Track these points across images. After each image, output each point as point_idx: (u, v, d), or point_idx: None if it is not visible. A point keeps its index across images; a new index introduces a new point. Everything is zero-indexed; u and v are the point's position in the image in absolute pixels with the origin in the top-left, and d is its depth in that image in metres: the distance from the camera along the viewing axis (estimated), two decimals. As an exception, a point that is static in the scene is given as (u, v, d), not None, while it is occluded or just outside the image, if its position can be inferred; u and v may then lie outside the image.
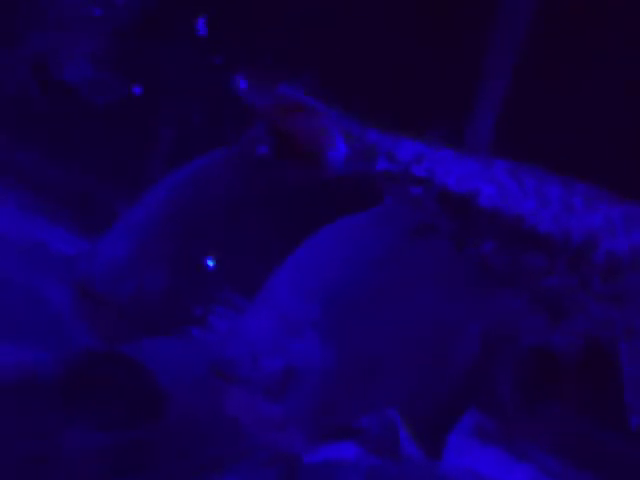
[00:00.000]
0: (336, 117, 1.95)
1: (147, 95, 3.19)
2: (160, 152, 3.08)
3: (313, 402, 1.80)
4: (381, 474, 2.70)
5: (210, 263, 2.39)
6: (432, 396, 2.05)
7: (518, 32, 2.72)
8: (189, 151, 2.63)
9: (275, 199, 2.55)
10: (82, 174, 3.29)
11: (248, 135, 2.61)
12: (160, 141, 3.12)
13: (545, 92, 2.72)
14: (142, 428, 2.43)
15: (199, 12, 3.13)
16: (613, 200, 1.96)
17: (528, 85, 2.73)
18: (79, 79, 3.08)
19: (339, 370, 1.82)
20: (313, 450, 2.45)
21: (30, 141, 3.39)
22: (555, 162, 2.44)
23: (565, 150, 2.66)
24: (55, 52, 3.07)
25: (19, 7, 3.03)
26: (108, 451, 2.35)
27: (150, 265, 2.35)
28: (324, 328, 1.81)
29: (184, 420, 2.45)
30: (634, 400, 2.19)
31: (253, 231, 2.47)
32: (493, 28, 2.73)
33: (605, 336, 2.12)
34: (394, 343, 1.93)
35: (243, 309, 1.86)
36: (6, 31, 3.05)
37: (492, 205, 1.89)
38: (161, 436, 2.44)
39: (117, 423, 2.40)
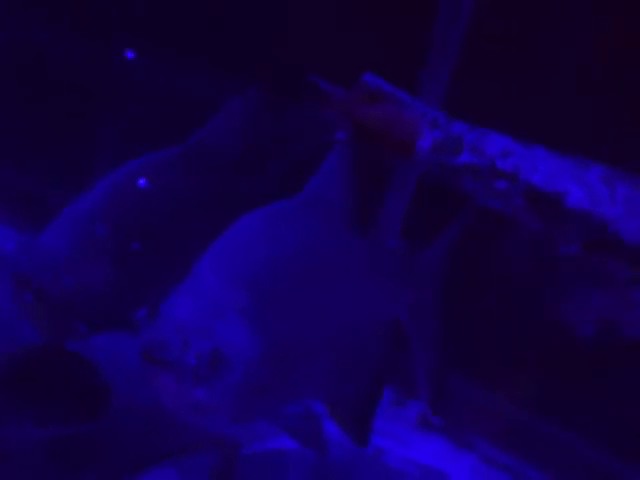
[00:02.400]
0: (422, 107, 1.96)
1: (88, 93, 3.19)
2: (103, 149, 3.08)
3: (240, 384, 1.82)
4: (325, 466, 2.72)
5: (149, 257, 2.41)
6: (355, 383, 2.09)
7: (462, 13, 2.73)
8: (134, 149, 2.64)
9: (219, 197, 2.57)
10: (22, 172, 3.29)
11: (195, 134, 2.64)
12: (103, 138, 3.13)
13: (488, 76, 2.73)
14: (85, 422, 2.44)
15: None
16: None
17: (472, 68, 2.75)
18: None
19: (264, 354, 1.84)
20: (250, 440, 2.48)
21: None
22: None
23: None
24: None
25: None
26: (51, 445, 2.36)
27: (90, 259, 2.36)
28: (250, 312, 1.83)
29: (127, 413, 2.46)
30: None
31: (195, 228, 2.48)
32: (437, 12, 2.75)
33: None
34: (317, 329, 1.96)
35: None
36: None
37: (580, 207, 1.87)
38: (104, 429, 2.45)
39: (60, 417, 2.41)
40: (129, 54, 2.96)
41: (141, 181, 2.40)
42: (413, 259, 2.23)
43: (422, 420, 2.90)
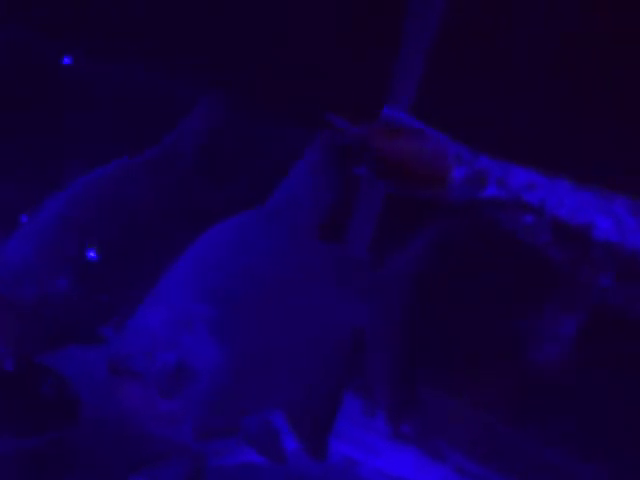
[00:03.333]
0: (447, 141, 1.96)
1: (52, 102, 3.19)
2: (70, 155, 3.07)
3: (205, 396, 1.82)
4: (297, 478, 2.72)
5: (116, 267, 2.40)
6: (316, 395, 2.10)
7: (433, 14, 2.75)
8: (102, 155, 2.64)
9: (187, 206, 2.57)
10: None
11: (161, 141, 2.63)
12: (70, 144, 3.12)
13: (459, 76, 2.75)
14: (54, 433, 2.43)
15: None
16: None
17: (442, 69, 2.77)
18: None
19: (229, 365, 1.85)
20: (220, 451, 2.47)
21: None
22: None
23: (482, 135, 2.70)
24: None
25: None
26: (19, 456, 2.35)
27: (53, 269, 2.35)
28: (216, 324, 1.84)
29: (96, 424, 2.45)
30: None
31: (158, 238, 2.48)
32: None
33: None
34: (282, 339, 1.97)
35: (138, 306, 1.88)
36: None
37: (607, 239, 1.87)
38: (73, 440, 2.44)
39: (29, 428, 2.40)
40: (66, 60, 2.96)
41: (91, 253, 2.38)
42: (379, 269, 2.23)
43: (395, 432, 2.90)
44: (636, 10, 2.53)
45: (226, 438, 2.04)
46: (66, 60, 3.01)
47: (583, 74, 2.63)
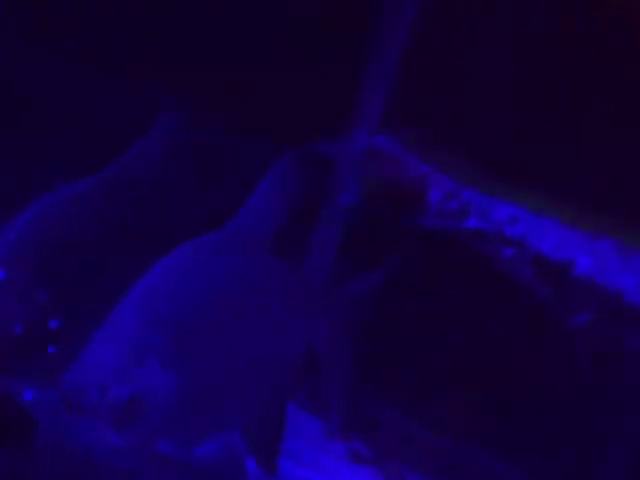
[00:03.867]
0: (429, 169, 1.96)
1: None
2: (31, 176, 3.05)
3: (157, 426, 1.84)
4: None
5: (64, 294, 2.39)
6: (268, 413, 2.12)
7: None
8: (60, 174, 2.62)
9: (145, 230, 2.56)
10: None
11: (117, 161, 2.62)
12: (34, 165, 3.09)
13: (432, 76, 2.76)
14: (10, 456, 2.41)
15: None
16: None
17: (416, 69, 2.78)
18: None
19: (183, 395, 1.86)
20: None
21: None
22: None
23: (452, 135, 2.71)
24: None
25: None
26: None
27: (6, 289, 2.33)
28: (167, 355, 1.86)
29: (52, 448, 2.43)
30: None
31: (113, 263, 2.46)
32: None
33: None
34: (235, 364, 1.99)
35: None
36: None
37: (588, 276, 1.86)
38: (29, 464, 2.42)
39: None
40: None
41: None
42: (333, 288, 2.27)
43: (351, 453, 2.90)
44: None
45: (183, 464, 2.05)
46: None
47: (550, 92, 2.65)
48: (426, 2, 2.69)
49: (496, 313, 2.57)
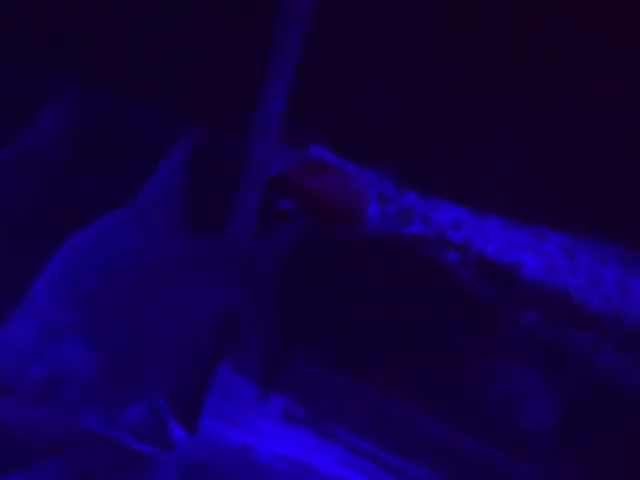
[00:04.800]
0: (370, 178, 1.95)
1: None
2: None
3: (78, 402, 1.85)
4: (193, 465, 2.74)
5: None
6: (189, 373, 2.17)
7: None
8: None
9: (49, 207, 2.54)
10: None
11: (15, 139, 2.58)
12: None
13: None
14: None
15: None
16: None
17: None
18: None
19: (101, 370, 1.90)
20: (110, 444, 2.49)
21: None
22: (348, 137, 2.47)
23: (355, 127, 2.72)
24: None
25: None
26: None
27: None
28: (83, 331, 1.87)
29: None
30: None
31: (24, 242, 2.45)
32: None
33: None
34: (152, 332, 2.03)
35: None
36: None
37: (535, 278, 1.87)
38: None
39: None
40: None
41: None
42: (249, 247, 2.30)
43: (287, 415, 2.93)
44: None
45: (108, 431, 2.07)
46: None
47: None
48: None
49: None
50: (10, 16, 3.00)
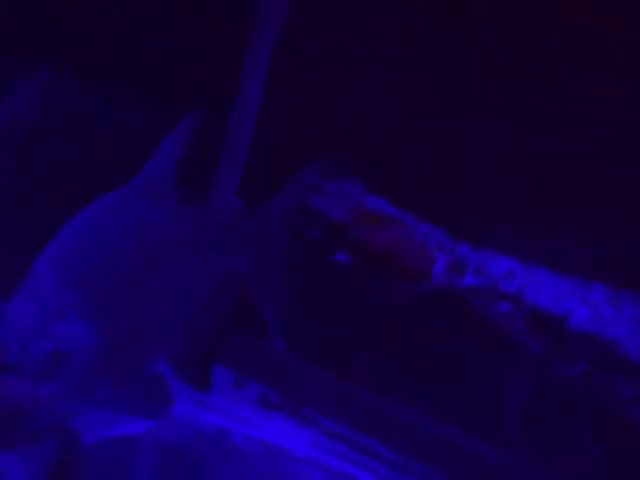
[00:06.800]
0: (427, 230, 1.92)
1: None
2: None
3: (83, 379, 1.89)
4: (173, 449, 2.79)
5: None
6: (195, 339, 2.18)
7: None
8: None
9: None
10: None
11: None
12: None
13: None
14: None
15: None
16: None
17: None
18: None
19: (105, 345, 1.91)
20: (96, 427, 2.52)
21: None
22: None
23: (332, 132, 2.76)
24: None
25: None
26: None
27: None
28: (85, 308, 1.89)
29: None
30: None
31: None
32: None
33: None
34: (157, 306, 2.04)
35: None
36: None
37: (583, 328, 1.89)
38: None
39: None
40: None
41: None
42: (252, 215, 2.29)
43: (262, 400, 2.99)
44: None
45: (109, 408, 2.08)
46: None
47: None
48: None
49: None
50: (10, 16, 3.00)
